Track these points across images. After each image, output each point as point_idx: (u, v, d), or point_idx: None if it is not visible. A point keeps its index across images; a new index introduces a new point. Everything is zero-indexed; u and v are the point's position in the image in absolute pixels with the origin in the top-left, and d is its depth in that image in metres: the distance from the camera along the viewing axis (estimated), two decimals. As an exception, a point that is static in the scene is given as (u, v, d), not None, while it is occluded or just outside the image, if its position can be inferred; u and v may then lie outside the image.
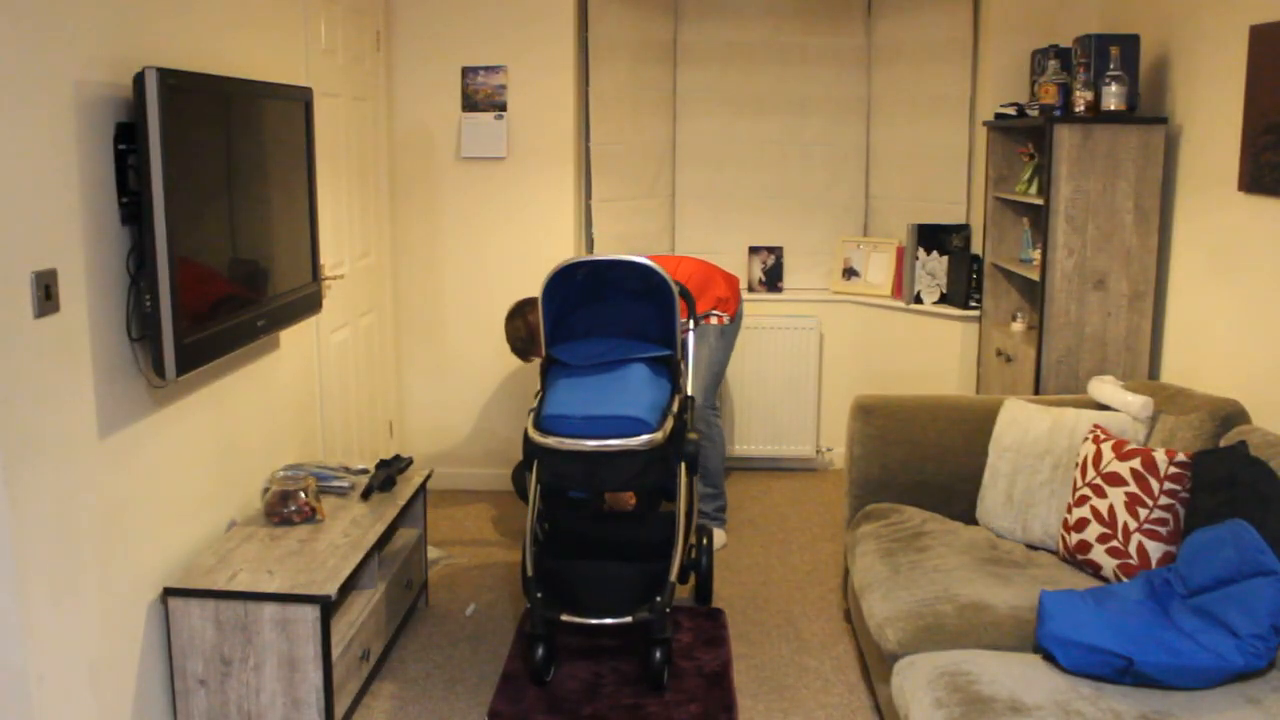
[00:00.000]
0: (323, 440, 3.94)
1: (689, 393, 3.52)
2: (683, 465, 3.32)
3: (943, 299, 4.92)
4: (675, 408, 3.26)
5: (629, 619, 3.12)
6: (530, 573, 3.20)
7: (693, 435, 3.32)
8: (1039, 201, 3.92)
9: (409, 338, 4.86)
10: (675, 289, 3.35)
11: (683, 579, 3.42)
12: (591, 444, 3.02)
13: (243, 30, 3.21)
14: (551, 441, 3.04)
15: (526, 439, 3.15)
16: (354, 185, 4.22)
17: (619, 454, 3.05)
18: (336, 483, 3.44)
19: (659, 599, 3.14)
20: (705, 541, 3.70)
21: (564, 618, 3.13)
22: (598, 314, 3.47)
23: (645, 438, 3.03)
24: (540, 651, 3.15)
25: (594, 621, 3.12)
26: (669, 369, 3.37)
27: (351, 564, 2.92)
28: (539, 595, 3.17)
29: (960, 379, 4.81)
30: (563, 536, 3.59)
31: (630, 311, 3.44)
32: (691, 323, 3.73)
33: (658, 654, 3.12)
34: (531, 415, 3.18)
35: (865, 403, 3.50)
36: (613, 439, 3.02)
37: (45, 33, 2.28)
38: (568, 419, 3.07)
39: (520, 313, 4.04)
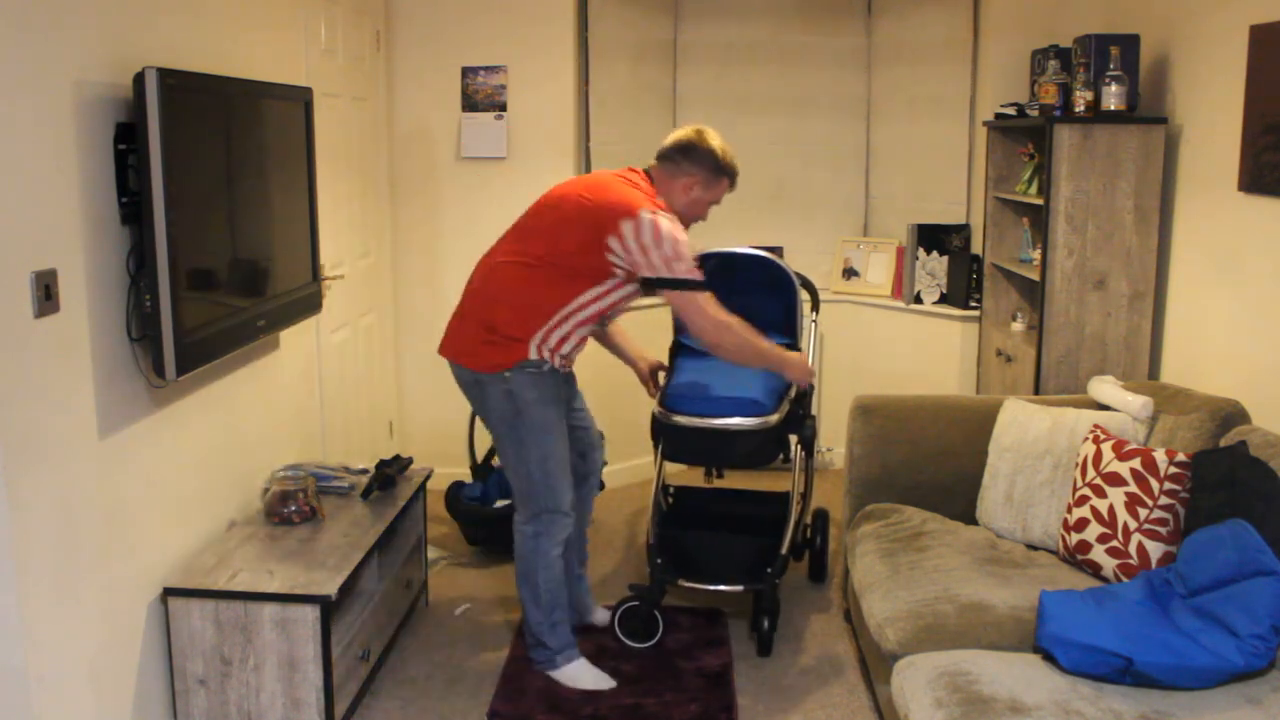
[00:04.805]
0: (323, 440, 3.94)
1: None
2: (797, 447, 3.62)
3: (943, 299, 4.92)
4: (792, 394, 3.47)
5: (741, 587, 3.44)
6: (653, 541, 3.53)
7: (809, 420, 3.61)
8: (1039, 201, 3.92)
9: (409, 338, 4.85)
10: (797, 281, 3.59)
11: (797, 556, 3.86)
12: (713, 422, 3.25)
13: (243, 30, 3.21)
14: (679, 420, 3.28)
15: (653, 416, 3.37)
16: (354, 185, 4.22)
17: (735, 432, 3.26)
18: (336, 483, 3.44)
19: (769, 570, 3.41)
20: (821, 522, 3.96)
21: (682, 583, 3.46)
22: (725, 303, 3.68)
23: (760, 419, 3.24)
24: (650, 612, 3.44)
25: (710, 587, 3.46)
26: None
27: (351, 564, 2.92)
28: (659, 561, 3.45)
29: (960, 379, 4.81)
30: (685, 508, 3.98)
31: (756, 302, 3.62)
32: (814, 314, 3.96)
33: (766, 622, 3.40)
34: (658, 395, 3.42)
35: (865, 403, 3.50)
36: (731, 419, 3.23)
37: (45, 33, 2.28)
38: (690, 398, 3.31)
39: None
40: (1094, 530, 2.90)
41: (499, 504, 4.14)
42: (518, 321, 3.03)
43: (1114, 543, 2.85)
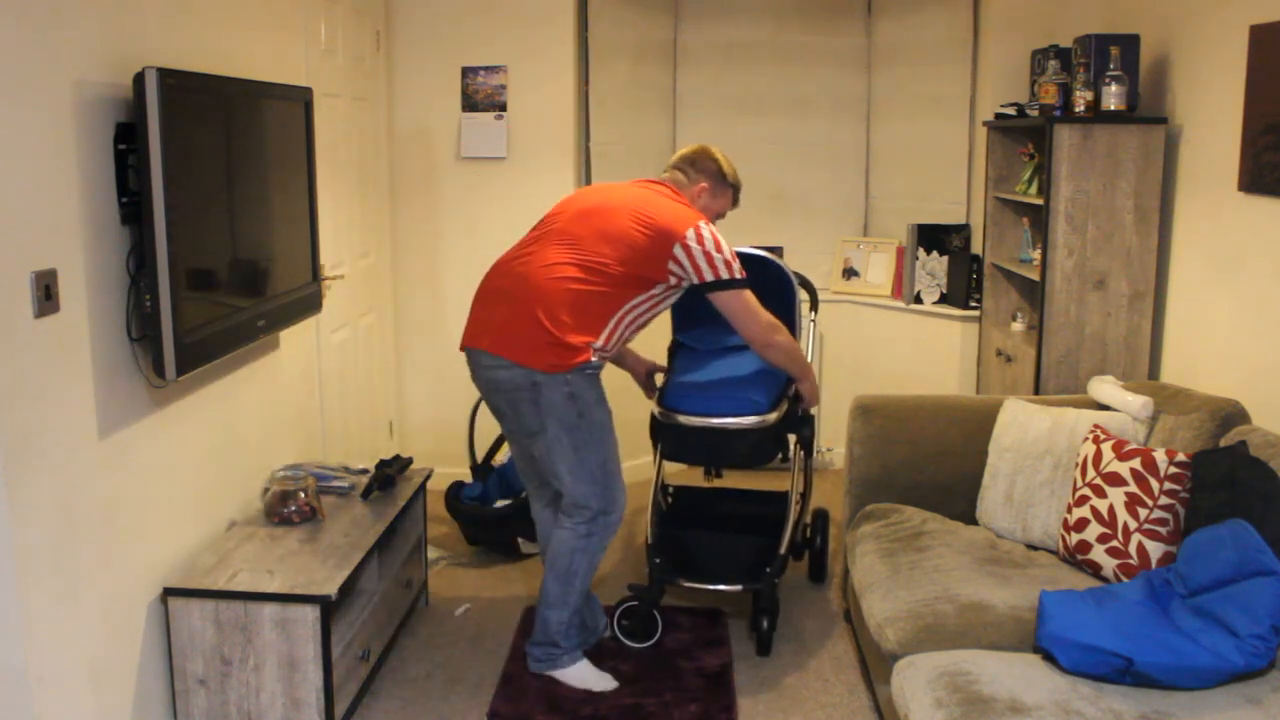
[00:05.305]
0: (323, 440, 3.94)
1: None
2: (796, 447, 3.64)
3: (943, 299, 4.92)
4: (791, 392, 3.46)
5: (740, 587, 3.43)
6: (652, 540, 3.53)
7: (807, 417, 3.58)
8: (1039, 201, 3.92)
9: (409, 338, 4.85)
10: (795, 280, 3.60)
11: (797, 556, 3.88)
12: (711, 421, 3.27)
13: (243, 30, 3.21)
14: (679, 419, 3.29)
15: (652, 415, 3.37)
16: (354, 185, 4.22)
17: (734, 431, 3.27)
18: (336, 483, 3.44)
19: (769, 570, 3.41)
20: (821, 522, 3.96)
21: (682, 582, 3.45)
22: None
23: (758, 417, 3.26)
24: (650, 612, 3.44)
25: (710, 587, 3.45)
26: None
27: (351, 564, 2.92)
28: (658, 561, 3.45)
29: (960, 379, 4.81)
30: (684, 508, 4.00)
31: None
32: (813, 313, 3.97)
33: (765, 622, 3.40)
34: (657, 394, 3.43)
35: (865, 403, 3.50)
36: (729, 418, 3.25)
37: (45, 33, 2.28)
38: (689, 397, 3.32)
39: None
40: (1094, 530, 2.90)
41: (499, 504, 4.13)
42: (581, 326, 3.03)
43: (1114, 543, 2.85)
